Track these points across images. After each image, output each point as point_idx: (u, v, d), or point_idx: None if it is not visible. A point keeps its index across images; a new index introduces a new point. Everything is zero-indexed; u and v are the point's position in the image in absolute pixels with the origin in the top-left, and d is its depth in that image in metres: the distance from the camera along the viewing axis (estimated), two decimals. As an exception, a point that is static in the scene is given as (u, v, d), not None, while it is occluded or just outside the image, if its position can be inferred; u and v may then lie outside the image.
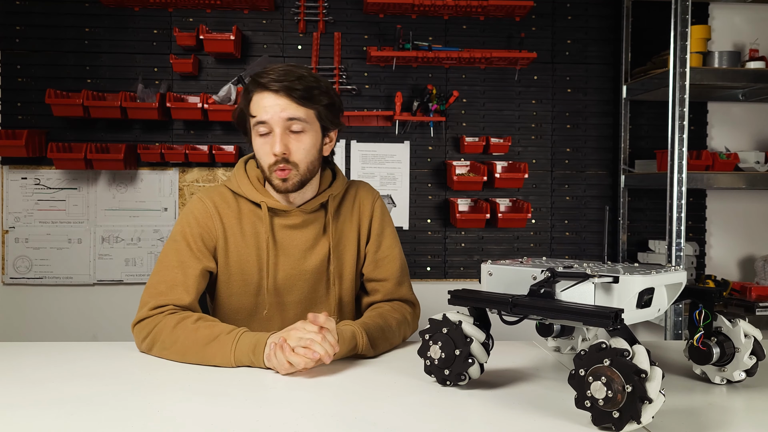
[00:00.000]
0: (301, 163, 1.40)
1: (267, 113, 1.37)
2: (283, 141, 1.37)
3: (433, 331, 1.07)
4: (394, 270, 1.54)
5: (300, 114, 1.38)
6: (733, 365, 1.08)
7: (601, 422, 0.85)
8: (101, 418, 0.92)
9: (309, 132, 1.40)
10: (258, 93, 1.39)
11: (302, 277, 1.48)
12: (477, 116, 2.95)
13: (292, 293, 1.49)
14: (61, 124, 2.80)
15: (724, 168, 2.67)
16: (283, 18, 2.87)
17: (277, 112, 1.36)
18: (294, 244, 1.48)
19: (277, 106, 1.36)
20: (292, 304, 1.49)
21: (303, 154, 1.40)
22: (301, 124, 1.38)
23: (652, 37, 2.92)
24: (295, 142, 1.39)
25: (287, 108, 1.37)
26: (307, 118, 1.39)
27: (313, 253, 1.48)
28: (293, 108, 1.37)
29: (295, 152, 1.39)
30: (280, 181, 1.39)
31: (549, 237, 3.00)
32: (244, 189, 1.47)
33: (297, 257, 1.47)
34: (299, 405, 0.99)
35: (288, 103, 1.37)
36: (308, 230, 1.49)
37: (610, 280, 0.94)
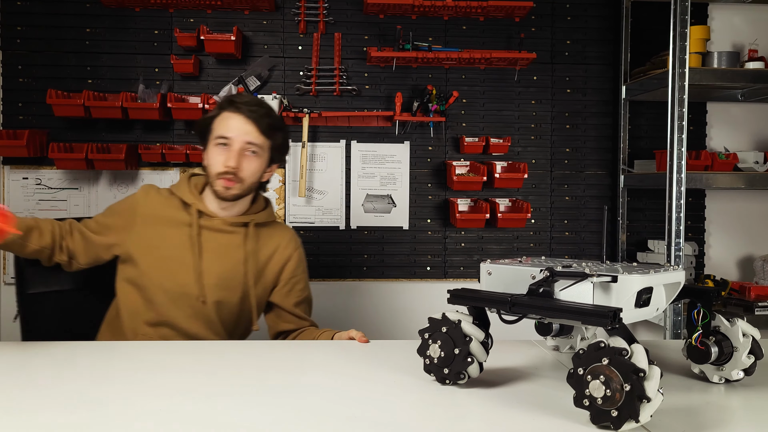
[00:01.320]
0: (246, 180, 1.64)
1: (232, 132, 1.61)
2: (237, 158, 1.61)
3: (433, 330, 1.08)
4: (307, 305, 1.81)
5: (259, 141, 1.63)
6: (732, 364, 1.09)
7: (599, 421, 0.86)
8: (102, 417, 0.93)
9: (260, 158, 1.65)
10: (229, 112, 1.63)
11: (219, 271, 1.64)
12: (477, 116, 2.95)
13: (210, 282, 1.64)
14: (62, 124, 2.80)
15: (723, 168, 2.68)
16: (283, 18, 2.88)
17: (241, 133, 1.61)
18: (211, 246, 1.66)
19: (243, 129, 1.61)
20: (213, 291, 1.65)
21: (250, 173, 1.64)
22: (256, 149, 1.63)
23: (652, 38, 2.93)
24: (247, 162, 1.63)
25: (250, 133, 1.62)
26: (262, 147, 1.64)
27: (230, 255, 1.66)
28: (255, 135, 1.62)
29: (244, 170, 1.62)
30: (224, 188, 1.62)
31: (548, 237, 3.00)
32: (182, 192, 1.68)
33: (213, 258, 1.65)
34: (299, 405, 1.00)
35: (252, 130, 1.62)
36: (226, 238, 1.67)
37: (609, 280, 0.94)
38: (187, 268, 1.63)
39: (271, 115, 1.66)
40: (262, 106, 1.65)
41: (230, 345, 1.39)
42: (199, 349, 1.34)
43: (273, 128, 1.66)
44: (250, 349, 1.36)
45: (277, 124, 1.67)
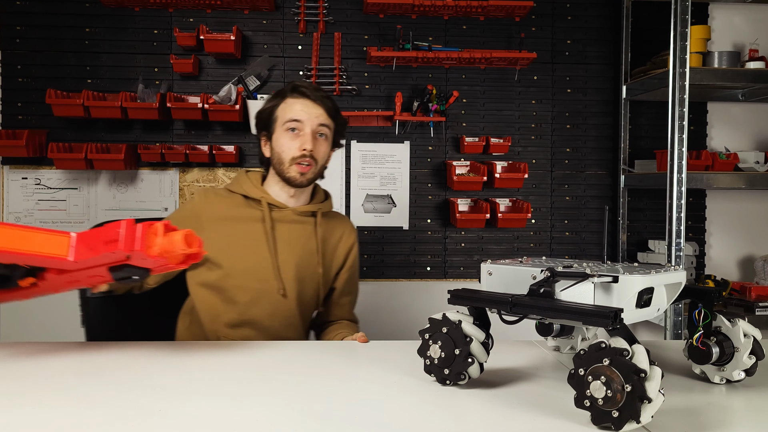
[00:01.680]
0: (320, 162, 1.65)
1: (303, 115, 1.62)
2: (312, 140, 1.62)
3: (433, 331, 1.08)
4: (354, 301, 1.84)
5: (328, 123, 1.66)
6: (733, 365, 1.09)
7: (600, 422, 0.85)
8: (102, 417, 0.92)
9: (328, 140, 1.68)
10: (294, 98, 1.64)
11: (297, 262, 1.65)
12: (477, 116, 2.95)
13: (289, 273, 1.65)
14: (61, 124, 2.80)
15: (723, 168, 2.67)
16: (283, 18, 2.88)
17: (312, 116, 1.63)
18: (285, 237, 1.66)
19: (313, 112, 1.63)
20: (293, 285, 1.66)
21: (323, 155, 1.66)
22: (326, 131, 1.66)
23: (652, 37, 2.92)
24: (318, 145, 1.64)
25: (320, 116, 1.64)
26: (330, 128, 1.67)
27: (302, 249, 1.67)
28: (324, 117, 1.65)
29: (318, 152, 1.64)
30: (298, 174, 1.62)
31: (549, 237, 3.00)
32: (244, 188, 1.68)
33: (288, 249, 1.65)
34: (299, 405, 0.99)
35: (321, 112, 1.64)
36: (298, 228, 1.68)
37: (610, 280, 0.94)
38: (266, 264, 1.63)
39: (331, 98, 1.69)
40: (322, 89, 1.69)
41: (226, 345, 1.39)
42: (202, 349, 1.34)
43: (336, 110, 1.69)
44: (248, 349, 1.36)
45: (337, 106, 1.70)
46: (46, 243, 1.04)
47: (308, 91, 1.64)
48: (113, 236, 1.03)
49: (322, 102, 1.64)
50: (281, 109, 1.65)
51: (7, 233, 1.01)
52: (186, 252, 1.08)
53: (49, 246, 1.04)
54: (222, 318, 1.64)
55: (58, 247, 1.04)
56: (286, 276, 1.64)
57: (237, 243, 1.63)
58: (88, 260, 1.06)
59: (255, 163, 2.88)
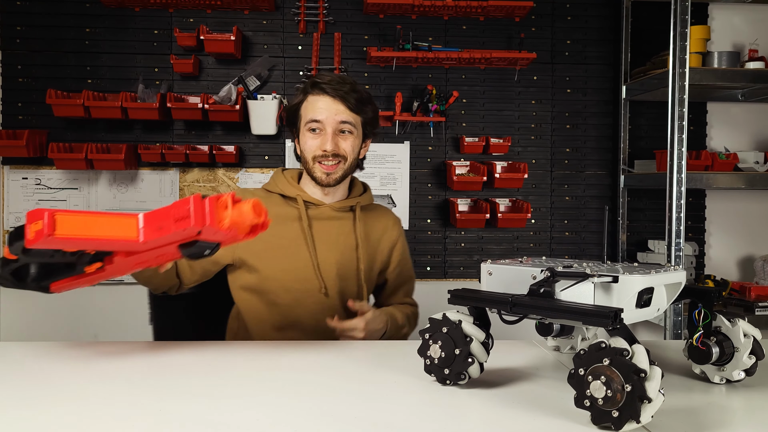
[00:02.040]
0: (349, 156, 1.59)
1: (322, 114, 1.56)
2: (333, 140, 1.57)
3: (433, 331, 1.08)
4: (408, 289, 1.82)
5: (350, 119, 1.58)
6: (733, 365, 1.09)
7: (600, 421, 0.85)
8: (102, 417, 0.93)
9: (354, 135, 1.60)
10: (315, 95, 1.58)
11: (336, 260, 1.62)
12: (477, 116, 2.95)
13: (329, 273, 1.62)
14: (61, 124, 2.80)
15: (723, 168, 2.68)
16: (283, 18, 2.88)
17: (332, 114, 1.56)
18: (323, 235, 1.63)
19: (333, 109, 1.56)
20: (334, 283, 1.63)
21: (350, 150, 1.60)
22: (350, 127, 1.58)
23: (652, 38, 2.93)
24: (342, 141, 1.59)
25: (341, 113, 1.57)
26: (355, 124, 1.59)
27: (344, 241, 1.64)
28: (347, 113, 1.57)
29: (343, 148, 1.58)
30: (324, 174, 1.58)
31: (549, 237, 3.00)
32: (280, 186, 1.65)
33: (327, 247, 1.62)
34: (299, 405, 1.00)
35: (342, 109, 1.56)
36: (336, 225, 1.64)
37: (610, 280, 0.94)
38: (306, 263, 1.59)
39: (357, 90, 1.60)
40: (345, 82, 1.59)
41: (227, 345, 1.39)
42: (200, 349, 1.34)
43: (362, 102, 1.59)
44: (248, 348, 1.36)
45: (365, 97, 1.61)
46: (115, 226, 1.03)
47: (328, 87, 1.56)
48: (183, 213, 1.02)
49: (342, 98, 1.56)
50: (304, 108, 1.60)
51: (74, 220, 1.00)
52: (255, 222, 1.07)
53: (119, 229, 1.03)
54: (267, 321, 1.61)
55: (127, 229, 1.03)
56: (327, 274, 1.61)
57: (276, 244, 1.59)
58: (158, 240, 1.05)
59: (255, 164, 2.89)
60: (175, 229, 1.02)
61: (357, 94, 1.58)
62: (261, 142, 2.88)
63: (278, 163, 2.89)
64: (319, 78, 1.59)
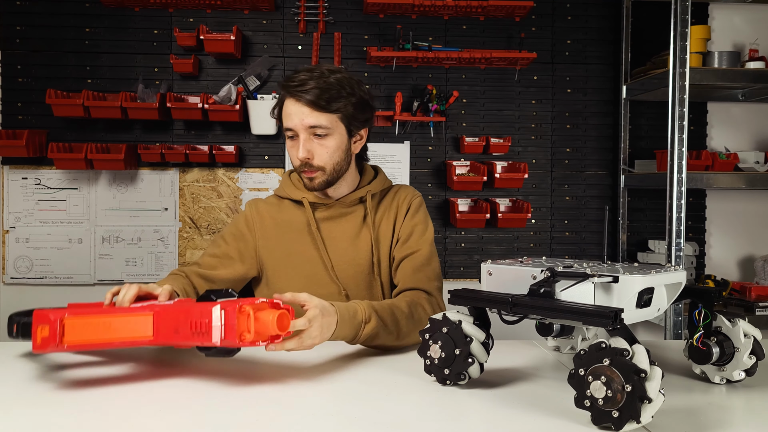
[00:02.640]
0: (326, 166, 1.47)
1: (291, 120, 1.45)
2: (306, 146, 1.45)
3: (433, 331, 1.08)
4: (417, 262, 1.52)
5: (321, 121, 1.43)
6: (733, 365, 1.09)
7: (600, 422, 0.85)
8: (102, 416, 0.92)
9: (333, 135, 1.46)
10: (286, 99, 1.46)
11: (348, 264, 1.54)
12: (477, 116, 2.95)
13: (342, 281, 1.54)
14: (61, 124, 2.80)
15: (723, 168, 2.67)
16: (283, 18, 2.88)
17: (300, 119, 1.43)
18: (336, 234, 1.55)
19: (300, 114, 1.43)
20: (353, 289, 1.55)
21: (327, 157, 1.46)
22: (323, 130, 1.44)
23: (652, 37, 2.92)
24: (319, 146, 1.46)
25: (309, 116, 1.43)
26: (329, 124, 1.45)
27: (356, 243, 1.55)
28: (314, 116, 1.43)
29: (318, 156, 1.46)
30: (308, 180, 1.49)
31: (549, 237, 3.00)
32: (287, 191, 1.58)
33: (341, 246, 1.54)
34: (299, 404, 0.99)
35: (309, 112, 1.43)
36: (348, 220, 1.56)
37: (610, 280, 0.94)
38: (320, 268, 1.53)
39: (325, 85, 1.42)
40: (311, 79, 1.42)
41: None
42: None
43: (331, 100, 1.42)
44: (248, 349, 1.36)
45: (335, 93, 1.43)
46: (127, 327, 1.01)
47: (292, 90, 1.43)
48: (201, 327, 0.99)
49: (307, 101, 1.41)
50: (282, 114, 1.49)
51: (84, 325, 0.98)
52: (277, 334, 1.02)
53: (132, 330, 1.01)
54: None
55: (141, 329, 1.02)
56: (344, 276, 1.53)
57: (291, 252, 1.54)
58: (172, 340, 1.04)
59: (255, 163, 2.88)
60: (192, 339, 1.00)
61: (323, 91, 1.41)
62: (261, 142, 2.88)
63: (278, 163, 2.89)
64: (288, 78, 1.45)
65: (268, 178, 2.89)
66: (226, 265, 1.54)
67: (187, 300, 1.11)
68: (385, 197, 1.60)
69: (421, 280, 1.49)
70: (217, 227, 2.87)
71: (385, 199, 1.60)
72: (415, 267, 1.51)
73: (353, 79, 1.50)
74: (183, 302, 1.09)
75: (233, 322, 0.98)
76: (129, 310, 1.03)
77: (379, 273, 1.55)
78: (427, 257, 1.53)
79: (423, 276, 1.50)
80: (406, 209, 1.58)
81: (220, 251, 1.56)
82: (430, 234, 1.58)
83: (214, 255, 1.55)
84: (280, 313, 1.03)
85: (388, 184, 1.61)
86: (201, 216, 2.87)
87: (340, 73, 1.47)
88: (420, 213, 1.59)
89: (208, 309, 0.99)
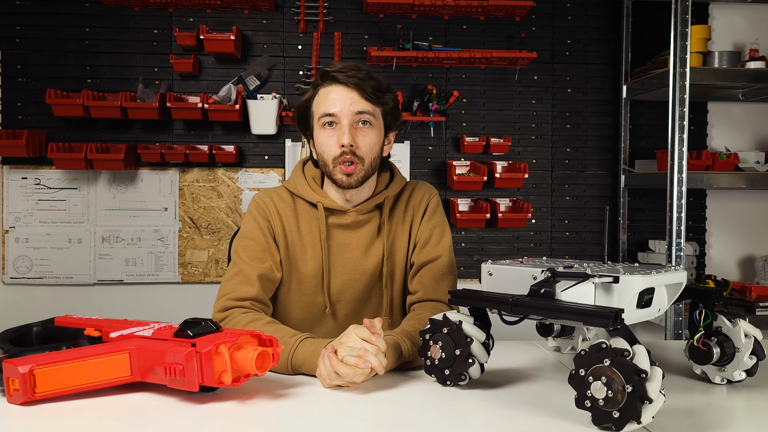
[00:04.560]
0: (366, 157, 1.40)
1: (336, 106, 1.38)
2: (351, 133, 1.38)
3: (434, 331, 1.08)
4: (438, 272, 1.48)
5: (369, 108, 1.39)
6: (734, 365, 1.08)
7: (601, 422, 0.85)
8: (101, 416, 0.92)
9: (375, 127, 1.42)
10: (327, 86, 1.40)
11: (356, 277, 1.46)
12: (477, 116, 2.95)
13: (345, 293, 1.46)
14: (61, 124, 2.80)
15: (724, 168, 2.67)
16: (283, 18, 2.88)
17: (347, 105, 1.38)
18: (349, 243, 1.46)
19: (347, 99, 1.38)
20: (346, 305, 1.47)
21: (368, 148, 1.40)
22: (369, 116, 1.39)
23: (652, 37, 2.92)
24: (362, 135, 1.39)
25: (357, 102, 1.38)
26: (374, 113, 1.41)
27: (368, 254, 1.47)
28: (363, 103, 1.38)
29: (361, 146, 1.39)
30: (344, 176, 1.39)
31: (549, 237, 2.99)
32: (300, 189, 1.47)
33: (352, 257, 1.46)
34: (299, 405, 0.99)
35: (358, 98, 1.38)
36: (363, 230, 1.47)
37: (611, 280, 0.93)
38: (317, 279, 1.45)
39: (373, 77, 1.41)
40: (360, 69, 1.40)
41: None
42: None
43: (380, 90, 1.41)
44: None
45: (382, 85, 1.42)
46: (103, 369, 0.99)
47: (340, 75, 1.38)
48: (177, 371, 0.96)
49: (357, 86, 1.38)
50: (315, 103, 1.42)
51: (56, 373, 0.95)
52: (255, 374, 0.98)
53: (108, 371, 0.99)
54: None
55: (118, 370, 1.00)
56: (336, 292, 1.45)
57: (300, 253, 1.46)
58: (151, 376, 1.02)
59: (255, 163, 2.88)
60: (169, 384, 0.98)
61: (374, 81, 1.40)
62: (261, 142, 2.88)
63: (278, 163, 2.89)
64: (329, 67, 1.41)
65: (268, 178, 2.89)
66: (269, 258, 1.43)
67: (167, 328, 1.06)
68: (400, 198, 1.52)
69: (442, 292, 1.44)
70: (217, 227, 2.87)
71: (400, 200, 1.52)
72: (436, 277, 1.46)
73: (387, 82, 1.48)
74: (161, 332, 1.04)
75: (210, 366, 0.95)
76: (103, 351, 1.00)
77: (391, 285, 1.48)
78: (448, 266, 1.49)
79: (444, 287, 1.45)
80: (423, 210, 1.51)
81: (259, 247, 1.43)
82: (449, 238, 1.52)
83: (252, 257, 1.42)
84: (260, 352, 0.97)
85: (402, 185, 1.54)
86: (201, 216, 2.87)
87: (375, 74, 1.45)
88: (437, 214, 1.53)
89: (181, 352, 0.95)
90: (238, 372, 0.97)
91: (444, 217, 1.55)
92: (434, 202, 1.53)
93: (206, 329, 1.00)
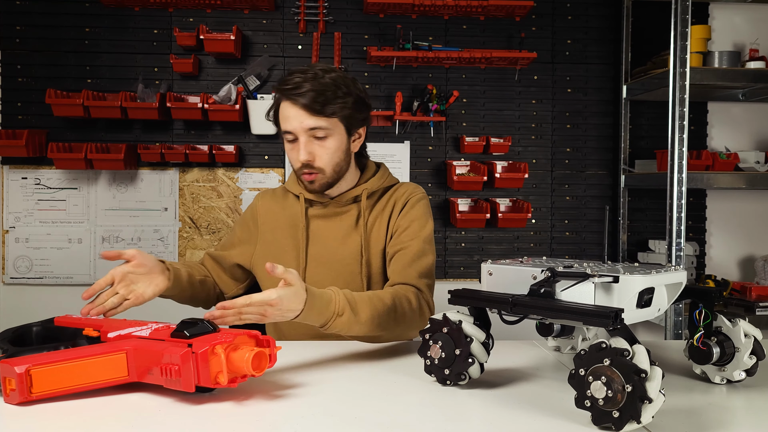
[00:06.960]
0: (327, 167, 1.46)
1: (291, 123, 1.44)
2: (306, 149, 1.44)
3: (434, 331, 1.08)
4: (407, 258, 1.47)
5: (320, 123, 1.43)
6: (733, 365, 1.08)
7: (601, 422, 0.85)
8: (97, 416, 0.92)
9: (333, 136, 1.45)
10: (283, 102, 1.46)
11: (334, 267, 1.51)
12: (477, 116, 2.95)
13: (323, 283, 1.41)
14: (61, 124, 2.80)
15: (724, 168, 2.67)
16: (283, 18, 2.88)
17: (299, 123, 1.43)
18: (326, 234, 1.54)
19: (298, 117, 1.42)
20: None
21: (327, 158, 1.45)
22: (323, 131, 1.44)
23: (652, 37, 2.92)
24: (319, 148, 1.45)
25: (308, 119, 1.42)
26: (328, 125, 1.44)
27: (345, 245, 1.52)
28: (313, 119, 1.42)
29: (319, 158, 1.45)
30: (308, 183, 1.49)
31: (549, 237, 3.00)
32: (288, 184, 1.60)
33: (329, 247, 1.53)
34: (299, 405, 0.99)
35: (307, 116, 1.42)
36: (340, 220, 1.54)
37: (611, 280, 0.93)
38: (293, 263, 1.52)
39: (320, 87, 1.41)
40: (305, 81, 1.41)
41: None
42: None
43: (330, 101, 1.41)
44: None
45: (331, 94, 1.42)
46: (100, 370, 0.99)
47: (290, 92, 1.42)
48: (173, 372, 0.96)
49: (304, 105, 1.41)
50: (280, 117, 1.49)
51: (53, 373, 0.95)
52: (252, 374, 0.98)
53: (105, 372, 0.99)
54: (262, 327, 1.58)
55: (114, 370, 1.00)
56: (320, 277, 1.49)
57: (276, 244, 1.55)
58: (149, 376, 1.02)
59: (255, 163, 2.88)
60: (166, 385, 0.98)
61: (319, 93, 1.40)
62: (261, 142, 2.88)
63: (278, 163, 2.89)
64: (282, 81, 1.46)
65: (268, 178, 2.89)
66: (236, 246, 1.61)
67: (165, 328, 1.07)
68: (383, 195, 1.57)
69: (410, 275, 1.44)
70: (217, 227, 2.87)
71: (383, 197, 1.56)
72: (405, 262, 1.46)
73: (348, 78, 1.48)
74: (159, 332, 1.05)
75: (206, 366, 0.95)
76: (99, 351, 1.01)
77: (369, 275, 1.50)
78: (418, 252, 1.48)
79: (413, 271, 1.45)
80: (402, 205, 1.54)
81: (232, 236, 1.64)
82: (427, 231, 1.52)
83: (227, 241, 1.64)
84: (257, 353, 0.97)
85: (390, 182, 1.58)
86: (201, 216, 2.87)
87: (334, 72, 1.46)
88: (417, 209, 1.53)
89: (177, 353, 0.96)
90: (235, 373, 0.98)
91: (426, 213, 1.55)
92: (416, 199, 1.55)
93: (203, 330, 1.01)
